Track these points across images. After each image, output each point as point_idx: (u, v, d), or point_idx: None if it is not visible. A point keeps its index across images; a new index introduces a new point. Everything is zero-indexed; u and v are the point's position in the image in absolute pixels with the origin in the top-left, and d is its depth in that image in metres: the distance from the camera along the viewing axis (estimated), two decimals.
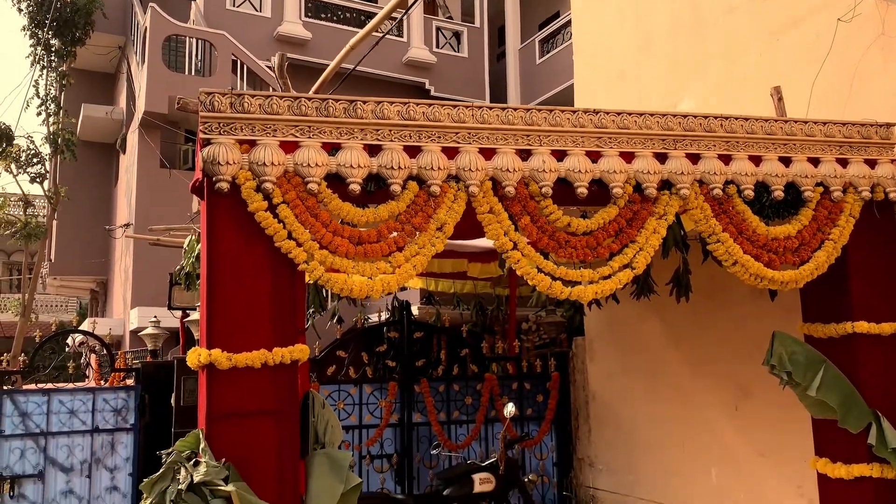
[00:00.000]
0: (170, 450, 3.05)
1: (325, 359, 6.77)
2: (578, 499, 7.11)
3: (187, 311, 7.94)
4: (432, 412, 6.85)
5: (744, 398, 5.38)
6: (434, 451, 6.63)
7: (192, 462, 2.96)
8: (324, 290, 6.76)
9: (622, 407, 6.71)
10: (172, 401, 6.42)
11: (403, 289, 9.41)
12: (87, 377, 10.71)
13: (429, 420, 6.86)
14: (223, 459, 2.96)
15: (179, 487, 2.86)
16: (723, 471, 5.51)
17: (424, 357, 7.20)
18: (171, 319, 8.41)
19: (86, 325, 11.44)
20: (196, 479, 2.86)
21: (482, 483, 6.04)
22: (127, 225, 12.38)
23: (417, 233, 3.34)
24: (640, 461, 6.42)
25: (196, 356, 3.04)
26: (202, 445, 2.97)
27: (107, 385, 7.65)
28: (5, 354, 7.44)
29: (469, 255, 7.56)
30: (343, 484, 3.10)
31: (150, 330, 7.89)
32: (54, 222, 15.31)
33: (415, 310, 9.12)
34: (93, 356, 8.40)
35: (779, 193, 3.75)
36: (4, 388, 6.93)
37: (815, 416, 3.89)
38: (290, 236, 3.16)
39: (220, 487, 2.86)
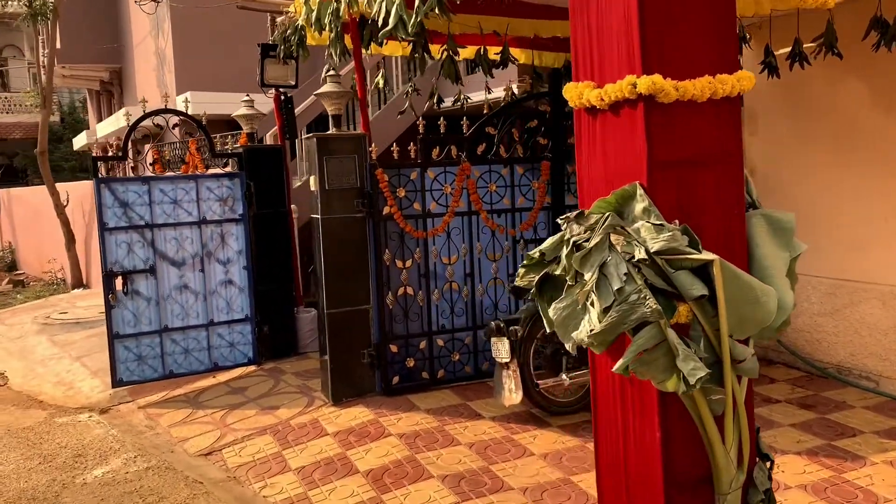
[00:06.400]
0: (586, 211, 2.30)
1: (474, 136, 5.95)
2: None
3: (281, 89, 6.88)
4: None
5: None
6: None
7: (634, 227, 2.22)
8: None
9: (795, 181, 6.14)
10: (312, 184, 5.58)
11: (500, 64, 8.34)
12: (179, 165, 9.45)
13: None
14: (675, 220, 2.24)
15: (640, 258, 2.14)
16: None
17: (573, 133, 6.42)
18: (264, 100, 7.37)
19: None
20: (654, 246, 2.15)
21: None
22: None
23: None
24: (816, 238, 5.97)
25: (629, 84, 2.18)
26: (644, 205, 2.21)
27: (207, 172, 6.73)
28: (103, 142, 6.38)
29: None
30: (790, 252, 2.44)
31: (243, 111, 6.82)
32: None
33: (515, 88, 8.18)
34: (190, 140, 7.38)
35: None
36: (101, 176, 5.99)
37: None
38: None
39: (689, 256, 2.16)
